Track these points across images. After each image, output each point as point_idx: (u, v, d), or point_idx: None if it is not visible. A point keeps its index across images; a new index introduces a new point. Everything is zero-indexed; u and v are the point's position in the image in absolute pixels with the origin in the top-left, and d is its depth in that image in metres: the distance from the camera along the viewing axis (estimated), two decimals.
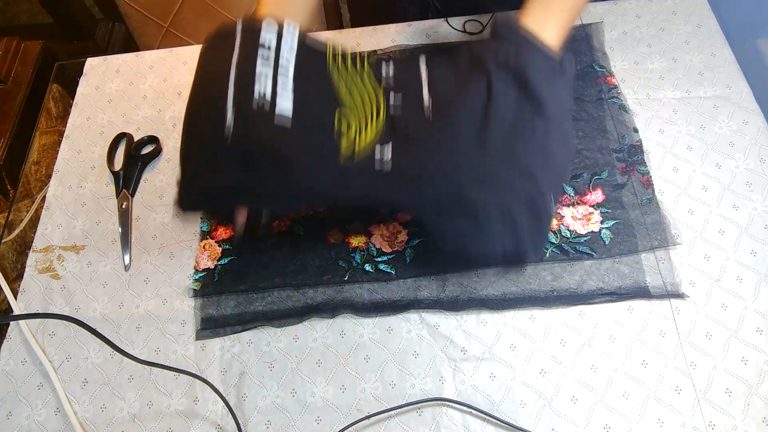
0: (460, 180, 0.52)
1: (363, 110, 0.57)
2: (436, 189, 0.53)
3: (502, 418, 0.53)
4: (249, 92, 0.51)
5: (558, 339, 0.56)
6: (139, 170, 0.71)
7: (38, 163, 0.76)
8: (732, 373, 0.53)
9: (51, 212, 0.70)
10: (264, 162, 0.52)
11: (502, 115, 0.53)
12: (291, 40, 0.55)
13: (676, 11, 0.76)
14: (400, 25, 0.79)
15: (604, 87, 0.70)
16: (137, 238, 0.67)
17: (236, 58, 0.52)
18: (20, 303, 0.64)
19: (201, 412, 0.56)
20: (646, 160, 0.65)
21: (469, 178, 0.52)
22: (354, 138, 0.55)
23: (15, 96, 0.89)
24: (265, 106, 0.51)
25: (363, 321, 0.59)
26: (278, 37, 0.54)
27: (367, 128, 0.56)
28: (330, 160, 0.54)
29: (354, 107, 0.57)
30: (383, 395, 0.56)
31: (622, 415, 0.52)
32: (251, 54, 0.52)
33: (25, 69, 0.93)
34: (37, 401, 0.58)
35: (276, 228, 0.65)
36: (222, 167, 0.52)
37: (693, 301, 0.57)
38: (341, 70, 0.59)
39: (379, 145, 0.55)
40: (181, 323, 0.61)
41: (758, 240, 0.59)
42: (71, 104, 0.79)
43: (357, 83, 0.59)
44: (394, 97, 0.59)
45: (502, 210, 0.51)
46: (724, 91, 0.69)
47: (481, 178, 0.52)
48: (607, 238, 0.60)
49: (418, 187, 0.53)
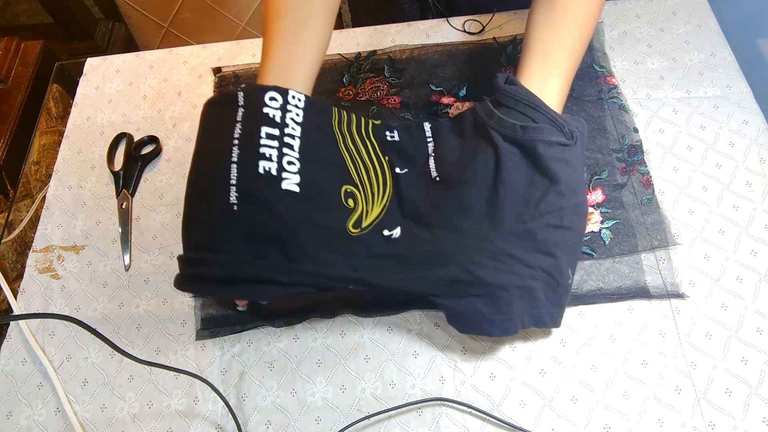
0: (474, 261, 0.51)
1: (369, 187, 0.56)
2: (449, 272, 0.51)
3: (502, 418, 0.53)
4: (254, 170, 0.49)
5: (558, 339, 0.56)
6: (139, 170, 0.71)
7: (38, 163, 0.76)
8: (732, 373, 0.53)
9: (51, 212, 0.70)
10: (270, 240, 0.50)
11: (513, 191, 0.52)
12: (297, 114, 0.53)
13: (676, 11, 0.76)
14: (400, 25, 0.79)
15: (604, 87, 0.70)
16: (137, 238, 0.67)
17: (239, 132, 0.50)
18: (20, 303, 0.64)
19: (201, 412, 0.56)
20: (646, 160, 0.65)
21: (483, 260, 0.51)
22: (361, 215, 0.54)
23: (15, 96, 0.89)
24: (272, 182, 0.50)
25: (363, 321, 0.59)
26: (283, 110, 0.52)
27: (373, 206, 0.55)
28: (337, 234, 0.52)
29: (359, 184, 0.56)
30: (383, 395, 0.56)
31: (622, 415, 0.52)
32: (255, 129, 0.50)
33: (25, 69, 0.93)
34: (37, 401, 0.58)
35: None
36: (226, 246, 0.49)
37: (693, 301, 0.57)
38: (348, 141, 0.57)
39: (387, 230, 0.55)
40: (181, 323, 0.61)
41: (758, 240, 0.59)
42: (71, 104, 0.79)
43: (363, 157, 0.58)
44: (401, 173, 0.59)
45: (522, 289, 0.50)
46: (724, 91, 0.69)
47: (497, 258, 0.50)
48: (607, 238, 0.60)
49: (431, 271, 0.51)
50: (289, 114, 0.52)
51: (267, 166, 0.49)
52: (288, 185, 0.50)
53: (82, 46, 1.62)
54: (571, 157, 0.52)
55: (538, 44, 0.56)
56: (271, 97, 0.52)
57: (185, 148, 0.73)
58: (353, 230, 0.53)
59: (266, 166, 0.49)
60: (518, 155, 0.52)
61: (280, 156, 0.50)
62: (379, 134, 0.61)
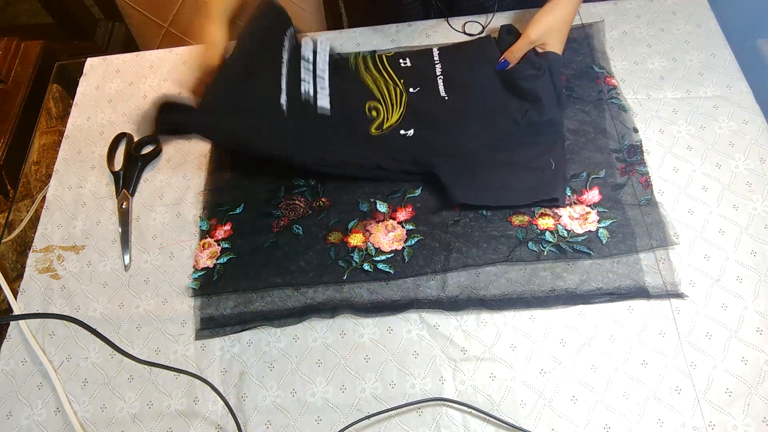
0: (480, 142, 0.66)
1: (389, 99, 0.71)
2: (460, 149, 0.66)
3: (502, 418, 0.53)
4: (297, 88, 0.66)
5: (558, 339, 0.56)
6: (139, 170, 0.71)
7: (38, 163, 0.76)
8: (732, 373, 0.53)
9: (51, 212, 0.70)
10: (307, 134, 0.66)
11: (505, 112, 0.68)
12: (324, 58, 0.71)
13: (676, 11, 0.76)
14: (401, 25, 0.79)
15: (604, 88, 0.70)
16: (137, 238, 0.67)
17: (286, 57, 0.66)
18: (20, 303, 0.64)
19: (201, 412, 0.56)
20: (646, 160, 0.65)
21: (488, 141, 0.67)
22: (382, 121, 0.69)
23: (15, 96, 0.89)
24: (310, 101, 0.67)
25: (363, 321, 0.59)
26: (314, 53, 0.71)
27: (392, 113, 0.70)
28: (363, 137, 0.68)
29: (381, 99, 0.71)
30: (383, 395, 0.56)
31: (622, 415, 0.52)
32: (296, 62, 0.68)
33: (25, 69, 0.93)
34: (37, 401, 0.58)
35: (275, 227, 0.65)
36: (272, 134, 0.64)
37: (693, 301, 0.57)
38: (367, 71, 0.73)
39: (403, 130, 0.68)
40: (181, 323, 0.61)
41: (758, 240, 0.59)
42: (71, 104, 0.79)
43: (382, 80, 0.73)
44: (414, 90, 0.72)
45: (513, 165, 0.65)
46: (724, 91, 0.69)
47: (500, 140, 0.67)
48: (604, 238, 0.60)
49: (440, 149, 0.66)
50: (319, 57, 0.70)
51: (306, 88, 0.67)
52: (322, 104, 0.68)
53: (82, 46, 1.62)
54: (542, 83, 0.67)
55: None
56: (306, 42, 0.71)
57: (185, 149, 0.73)
58: (375, 132, 0.68)
59: (305, 88, 0.67)
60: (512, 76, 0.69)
61: (314, 84, 0.68)
62: (394, 63, 0.75)
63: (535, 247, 0.60)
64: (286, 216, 0.66)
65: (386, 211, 0.65)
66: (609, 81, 0.70)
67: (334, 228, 0.64)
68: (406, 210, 0.65)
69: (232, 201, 0.68)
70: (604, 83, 0.70)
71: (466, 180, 0.64)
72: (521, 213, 0.63)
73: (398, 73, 0.73)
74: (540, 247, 0.60)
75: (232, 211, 0.67)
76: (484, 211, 0.63)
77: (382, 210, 0.65)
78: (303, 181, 0.68)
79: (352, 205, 0.66)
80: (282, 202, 0.67)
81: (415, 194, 0.65)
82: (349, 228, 0.64)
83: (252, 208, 0.67)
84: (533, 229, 0.62)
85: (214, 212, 0.67)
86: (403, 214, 0.64)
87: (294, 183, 0.68)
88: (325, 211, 0.66)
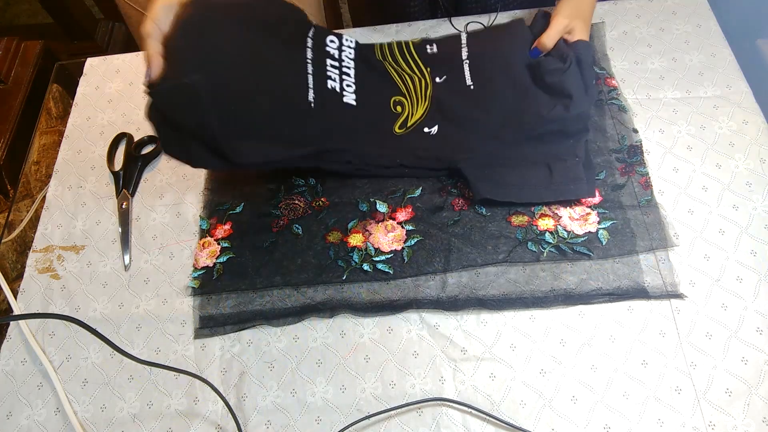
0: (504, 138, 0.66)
1: (415, 94, 0.71)
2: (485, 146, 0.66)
3: (502, 418, 0.53)
4: (324, 84, 0.66)
5: (558, 339, 0.56)
6: (139, 170, 0.71)
7: (38, 163, 0.76)
8: (732, 373, 0.53)
9: (51, 212, 0.70)
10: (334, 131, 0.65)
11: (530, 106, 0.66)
12: (349, 53, 0.70)
13: (676, 11, 0.76)
14: (401, 24, 0.79)
15: (604, 88, 0.70)
16: (137, 238, 0.67)
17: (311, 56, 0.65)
18: (20, 303, 0.64)
19: (201, 412, 0.56)
20: (646, 160, 0.65)
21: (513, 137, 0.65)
22: (406, 117, 0.69)
23: (15, 96, 0.89)
24: (337, 97, 0.67)
25: (363, 321, 0.59)
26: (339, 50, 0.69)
27: (417, 108, 0.70)
28: (387, 135, 0.68)
29: (407, 93, 0.71)
30: (383, 395, 0.56)
31: (622, 415, 0.52)
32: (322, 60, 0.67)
33: (25, 69, 0.93)
34: (37, 401, 0.58)
35: (275, 227, 0.65)
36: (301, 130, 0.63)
37: (693, 301, 0.57)
38: (393, 63, 0.72)
39: (427, 128, 0.68)
40: (181, 323, 0.61)
41: (758, 240, 0.59)
42: (71, 104, 0.79)
43: (407, 72, 0.72)
44: (440, 79, 0.71)
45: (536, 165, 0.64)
46: (724, 91, 0.69)
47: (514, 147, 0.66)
48: (604, 239, 0.60)
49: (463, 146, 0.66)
50: (344, 53, 0.70)
51: (332, 85, 0.66)
52: (348, 100, 0.67)
53: (82, 46, 1.62)
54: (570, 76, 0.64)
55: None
56: (331, 39, 0.69)
57: None
58: (399, 130, 0.68)
59: (331, 84, 0.66)
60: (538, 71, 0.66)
61: (341, 80, 0.68)
62: (421, 50, 0.73)
63: (534, 247, 0.60)
64: (285, 215, 0.66)
65: (386, 211, 0.65)
66: (609, 82, 0.70)
67: (333, 228, 0.64)
68: (406, 210, 0.65)
69: (232, 200, 0.68)
70: (604, 84, 0.70)
71: (490, 176, 0.63)
72: (521, 213, 0.63)
73: (425, 61, 0.72)
74: (540, 248, 0.60)
75: (232, 210, 0.67)
76: (484, 211, 0.63)
77: (382, 210, 0.65)
78: (303, 181, 0.68)
79: (352, 205, 0.66)
80: (282, 202, 0.67)
81: (415, 194, 0.65)
82: (349, 228, 0.64)
83: (252, 207, 0.67)
84: (533, 229, 0.62)
85: (214, 211, 0.67)
86: (402, 214, 0.64)
87: (294, 182, 0.68)
88: (325, 211, 0.66)
